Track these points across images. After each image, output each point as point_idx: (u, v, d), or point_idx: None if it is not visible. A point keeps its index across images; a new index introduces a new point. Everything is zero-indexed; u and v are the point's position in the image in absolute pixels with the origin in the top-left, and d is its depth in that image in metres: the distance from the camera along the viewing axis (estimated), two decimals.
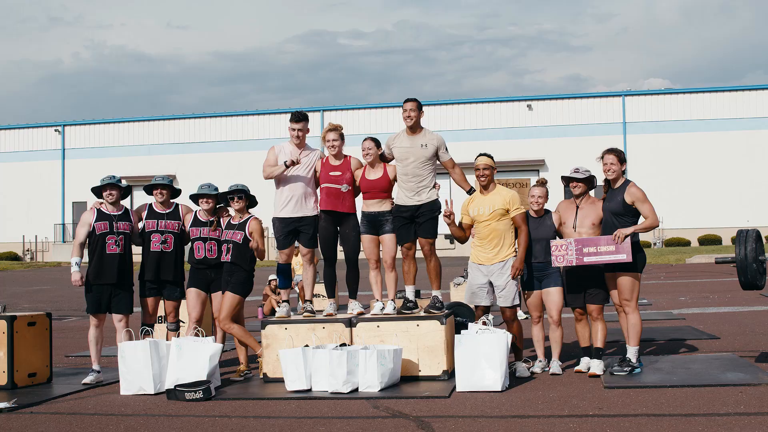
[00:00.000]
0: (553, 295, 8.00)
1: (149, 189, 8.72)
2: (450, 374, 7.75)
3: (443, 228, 8.55)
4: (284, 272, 8.73)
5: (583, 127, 42.02)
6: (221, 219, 8.67)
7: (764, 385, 6.83)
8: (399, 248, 8.27)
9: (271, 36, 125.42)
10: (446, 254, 33.33)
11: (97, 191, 8.62)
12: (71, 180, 46.01)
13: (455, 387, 7.29)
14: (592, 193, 8.13)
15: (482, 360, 7.17)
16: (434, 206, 8.15)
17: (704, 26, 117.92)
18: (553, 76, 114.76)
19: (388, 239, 8.26)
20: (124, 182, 8.81)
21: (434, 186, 8.18)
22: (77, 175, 45.02)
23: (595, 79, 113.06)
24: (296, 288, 15.47)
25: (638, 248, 7.69)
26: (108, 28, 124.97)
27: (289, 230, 8.46)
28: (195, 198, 8.70)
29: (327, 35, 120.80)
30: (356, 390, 7.31)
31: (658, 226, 7.77)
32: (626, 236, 7.47)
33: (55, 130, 48.26)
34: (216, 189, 8.69)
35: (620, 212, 7.65)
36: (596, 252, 7.60)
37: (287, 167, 8.28)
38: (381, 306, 8.26)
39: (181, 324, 9.24)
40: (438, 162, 8.27)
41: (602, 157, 7.85)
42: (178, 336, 8.58)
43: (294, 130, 8.50)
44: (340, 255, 8.53)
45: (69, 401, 7.48)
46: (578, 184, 7.98)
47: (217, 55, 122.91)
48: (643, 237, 7.90)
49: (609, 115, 42.41)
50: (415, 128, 8.20)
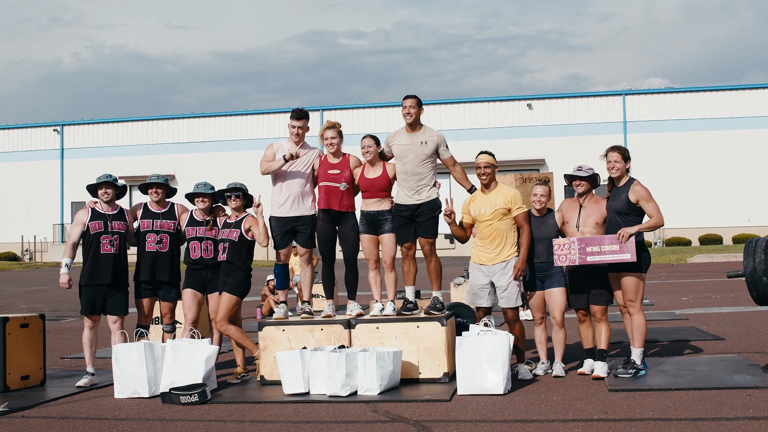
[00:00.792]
0: (556, 296, 7.85)
1: (144, 188, 8.57)
2: (451, 377, 7.60)
3: (444, 227, 8.39)
4: (282, 272, 8.57)
5: (584, 127, 41.89)
6: (218, 218, 8.52)
7: None
8: (398, 248, 8.12)
9: (271, 36, 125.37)
10: (446, 254, 33.16)
11: (93, 190, 8.48)
12: (70, 180, 45.85)
13: (456, 390, 7.13)
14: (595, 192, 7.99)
15: (484, 362, 7.02)
16: (434, 205, 7.99)
17: (704, 26, 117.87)
18: (553, 76, 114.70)
19: (388, 239, 8.10)
20: (122, 182, 8.64)
21: (434, 184, 8.02)
22: (76, 175, 44.83)
23: (595, 79, 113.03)
24: (295, 288, 15.33)
25: (643, 248, 7.53)
26: (108, 28, 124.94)
27: (287, 230, 8.31)
28: (191, 197, 8.55)
29: (327, 35, 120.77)
30: (355, 393, 7.16)
31: (664, 225, 7.61)
32: (631, 235, 7.31)
33: (54, 130, 48.15)
34: (212, 188, 8.54)
35: (624, 211, 7.49)
36: (600, 251, 7.44)
37: (286, 161, 8.12)
38: (380, 307, 8.11)
39: (178, 325, 9.09)
40: (438, 160, 8.11)
41: (606, 155, 7.70)
42: (174, 338, 8.44)
43: (294, 128, 8.34)
44: (339, 255, 8.38)
45: (62, 405, 7.32)
46: (581, 183, 7.83)
47: (217, 55, 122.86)
48: (644, 236, 7.73)
49: (609, 114, 42.29)
50: (415, 125, 8.04)
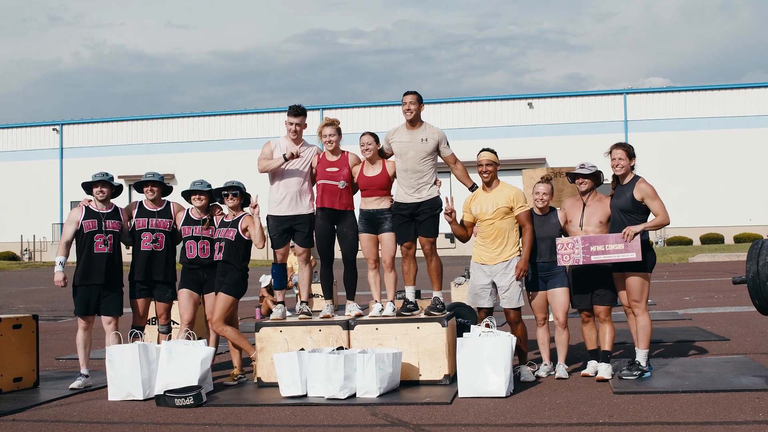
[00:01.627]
0: (559, 296, 7.69)
1: (139, 186, 8.42)
2: (452, 379, 7.44)
3: (444, 226, 8.22)
4: (279, 272, 8.41)
5: (585, 126, 41.74)
6: (214, 217, 8.37)
7: None
8: (398, 247, 7.96)
9: (271, 35, 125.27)
10: (447, 253, 33.02)
11: (88, 188, 8.33)
12: (69, 179, 45.67)
13: (457, 392, 6.97)
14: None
15: (485, 364, 6.86)
16: (435, 204, 7.83)
17: (704, 26, 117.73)
18: (553, 76, 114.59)
19: (387, 238, 7.94)
20: (121, 181, 8.48)
21: (435, 182, 7.86)
22: (75, 175, 44.63)
23: (595, 79, 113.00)
24: (295, 289, 15.17)
25: (648, 247, 7.38)
26: (108, 28, 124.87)
27: (284, 229, 8.15)
28: (187, 195, 8.39)
29: (327, 34, 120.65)
30: (354, 396, 6.99)
31: (669, 224, 7.43)
32: (636, 234, 7.15)
33: (53, 129, 48.01)
34: (209, 186, 8.38)
35: (629, 209, 7.33)
36: (604, 251, 7.28)
37: (286, 160, 7.96)
38: (380, 307, 7.95)
39: (174, 326, 8.94)
40: (439, 158, 7.95)
41: (610, 152, 7.53)
42: (170, 339, 8.28)
43: (291, 125, 8.18)
44: (338, 254, 8.22)
45: (54, 407, 7.17)
46: (585, 181, 7.67)
47: (217, 55, 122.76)
48: (649, 235, 7.56)
49: (610, 113, 42.14)
50: (415, 122, 7.88)
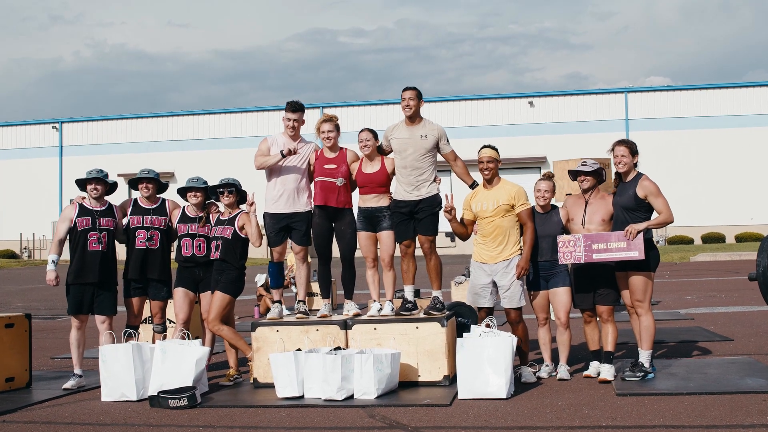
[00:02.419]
0: (561, 296, 7.55)
1: (134, 183, 8.28)
2: (451, 379, 7.30)
3: (444, 224, 8.08)
4: (276, 271, 8.27)
5: (586, 124, 41.65)
6: (210, 215, 8.23)
7: None
8: (397, 246, 7.82)
9: (272, 34, 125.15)
10: (447, 252, 32.87)
11: (82, 185, 8.20)
12: (69, 177, 45.50)
13: (457, 394, 6.83)
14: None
15: (486, 365, 6.72)
16: (434, 201, 7.69)
17: (704, 25, 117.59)
18: (554, 75, 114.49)
19: (386, 236, 7.80)
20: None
21: (435, 180, 7.72)
22: (75, 173, 44.30)
23: (596, 78, 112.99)
24: (293, 288, 15.03)
25: (651, 245, 7.23)
26: (108, 27, 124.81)
27: (281, 226, 8.01)
28: (183, 192, 8.25)
29: (327, 33, 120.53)
30: (351, 397, 6.85)
31: (673, 222, 7.29)
32: (639, 232, 7.01)
33: (53, 127, 47.94)
34: (205, 182, 8.25)
35: (632, 207, 7.19)
36: (606, 249, 7.14)
37: (284, 156, 7.83)
38: (378, 307, 7.81)
39: (170, 325, 8.81)
40: (439, 154, 7.81)
41: (612, 149, 7.40)
42: (165, 338, 8.15)
43: (289, 120, 8.04)
44: (336, 253, 8.08)
45: (46, 408, 7.03)
46: (586, 178, 7.53)
47: (218, 54, 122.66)
48: (652, 234, 7.44)
49: (611, 112, 42.05)
50: (415, 118, 7.74)
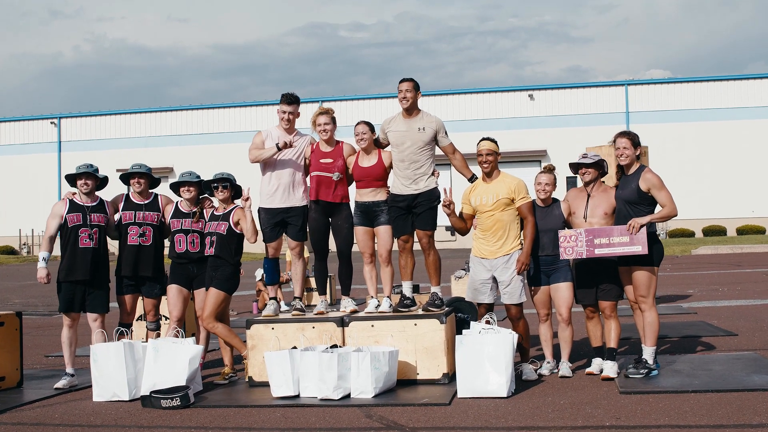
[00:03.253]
0: (562, 291, 7.38)
1: (126, 178, 8.11)
2: (451, 377, 7.13)
3: (443, 219, 7.91)
4: (271, 267, 8.11)
5: (586, 117, 41.44)
6: (204, 210, 8.06)
7: None
8: (395, 241, 7.65)
9: (272, 28, 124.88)
10: (447, 246, 32.71)
11: (72, 180, 8.03)
12: (68, 173, 45.37)
13: (456, 392, 6.66)
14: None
15: (486, 363, 6.55)
16: (433, 195, 7.51)
17: (705, 18, 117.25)
18: (554, 68, 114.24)
19: (384, 231, 7.63)
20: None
21: (433, 173, 7.54)
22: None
23: (596, 71, 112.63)
24: (291, 283, 14.87)
25: (655, 239, 7.06)
26: (108, 21, 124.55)
27: (277, 222, 7.85)
28: (176, 187, 8.08)
29: (327, 27, 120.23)
30: (348, 396, 6.68)
31: (677, 215, 7.11)
32: (642, 226, 6.84)
33: (51, 123, 47.76)
34: (198, 177, 8.08)
35: (635, 200, 7.01)
36: (609, 243, 6.97)
37: (279, 150, 7.66)
38: (376, 303, 7.65)
39: (164, 322, 8.65)
40: (437, 147, 7.64)
41: (614, 141, 7.22)
42: (159, 336, 7.99)
43: (285, 113, 7.87)
44: (333, 248, 7.92)
45: (36, 409, 6.87)
46: (588, 170, 7.36)
47: (218, 48, 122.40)
48: (656, 227, 7.26)
49: (612, 105, 41.84)
50: (412, 110, 7.56)
